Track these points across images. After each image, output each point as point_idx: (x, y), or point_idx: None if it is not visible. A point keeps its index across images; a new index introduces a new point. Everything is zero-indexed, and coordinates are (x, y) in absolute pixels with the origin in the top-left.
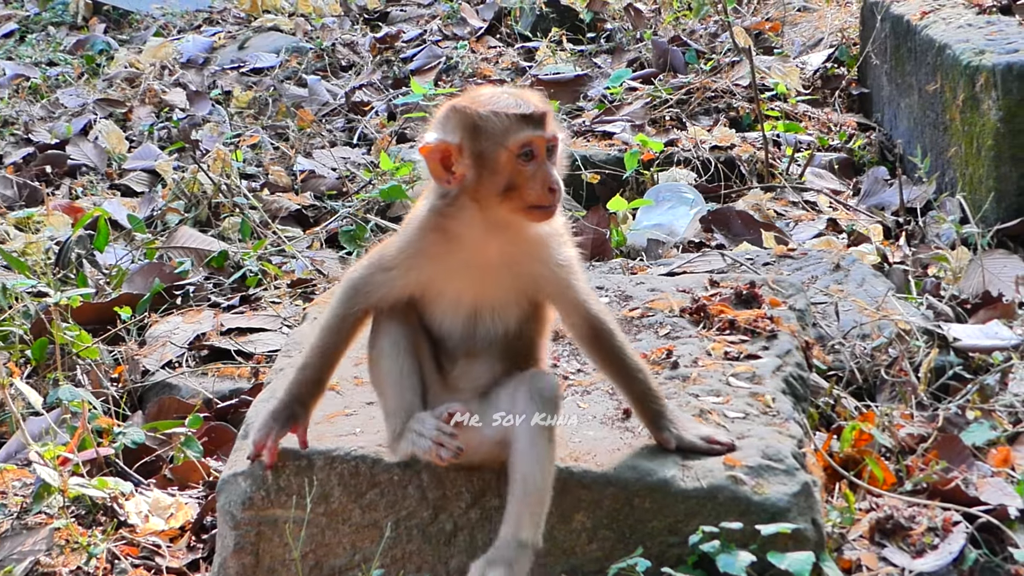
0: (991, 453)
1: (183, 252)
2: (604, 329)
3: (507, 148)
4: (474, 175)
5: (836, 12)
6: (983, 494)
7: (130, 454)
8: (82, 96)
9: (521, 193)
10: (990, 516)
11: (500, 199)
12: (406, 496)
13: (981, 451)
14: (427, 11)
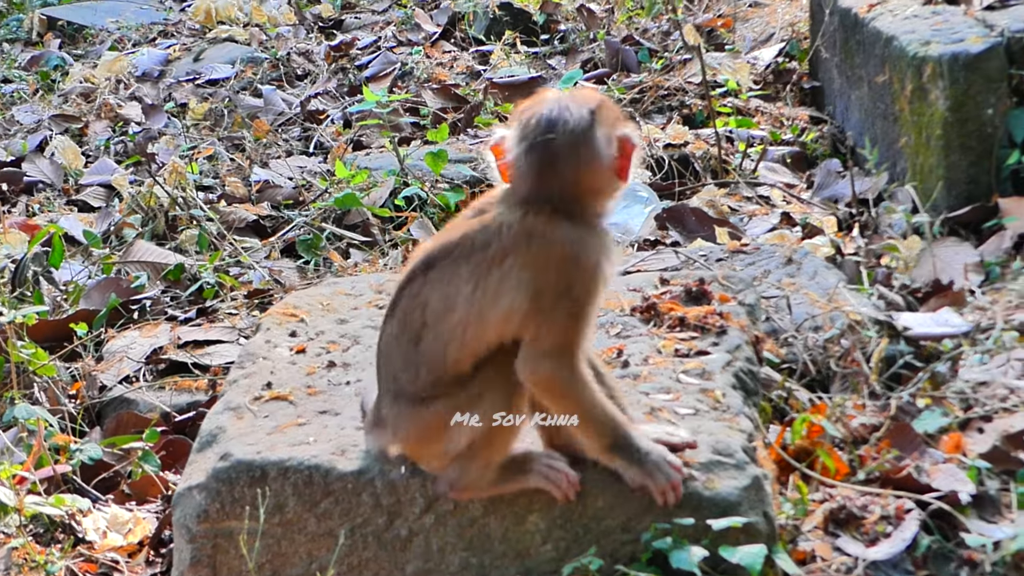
0: (943, 440)
1: (140, 266)
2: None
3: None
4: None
5: (787, 7)
6: (935, 481)
7: (88, 470)
8: (37, 112)
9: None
10: (942, 503)
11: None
12: (360, 504)
13: (933, 438)
14: (382, 18)
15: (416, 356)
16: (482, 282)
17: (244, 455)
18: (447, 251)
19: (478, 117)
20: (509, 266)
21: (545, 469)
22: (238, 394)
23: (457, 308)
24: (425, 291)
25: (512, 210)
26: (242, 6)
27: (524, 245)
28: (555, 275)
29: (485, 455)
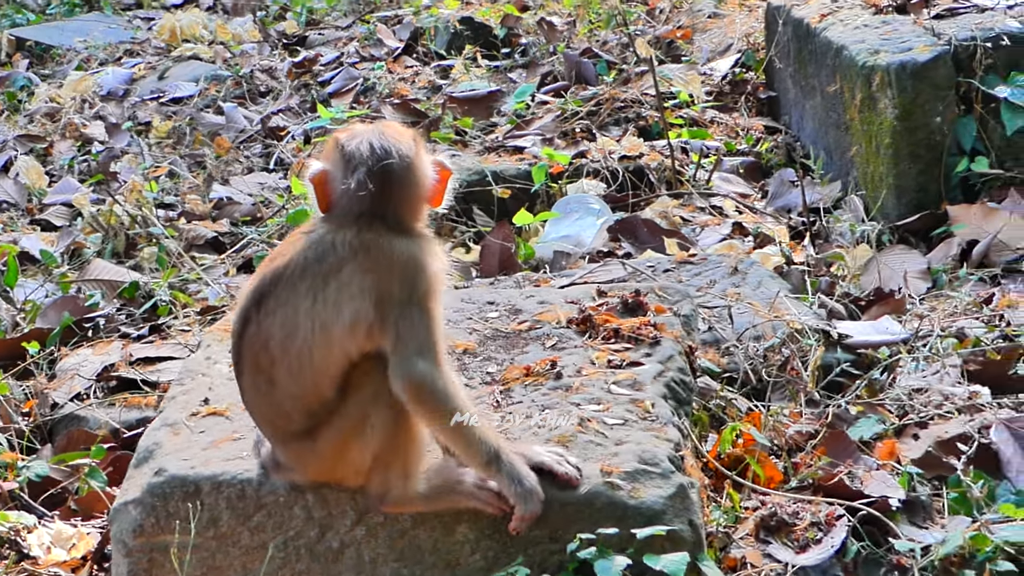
0: (878, 446)
1: (96, 284)
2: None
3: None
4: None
5: (745, 18)
6: (867, 487)
7: (36, 487)
8: (3, 133)
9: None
10: (871, 508)
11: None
12: (292, 516)
13: (868, 445)
14: (345, 33)
15: (278, 397)
16: (320, 294)
17: (178, 470)
18: (277, 277)
19: (435, 132)
20: (348, 274)
21: (476, 490)
22: (176, 410)
23: (299, 328)
24: (264, 326)
25: (342, 229)
26: (207, 24)
27: (362, 254)
28: (398, 281)
29: (399, 464)
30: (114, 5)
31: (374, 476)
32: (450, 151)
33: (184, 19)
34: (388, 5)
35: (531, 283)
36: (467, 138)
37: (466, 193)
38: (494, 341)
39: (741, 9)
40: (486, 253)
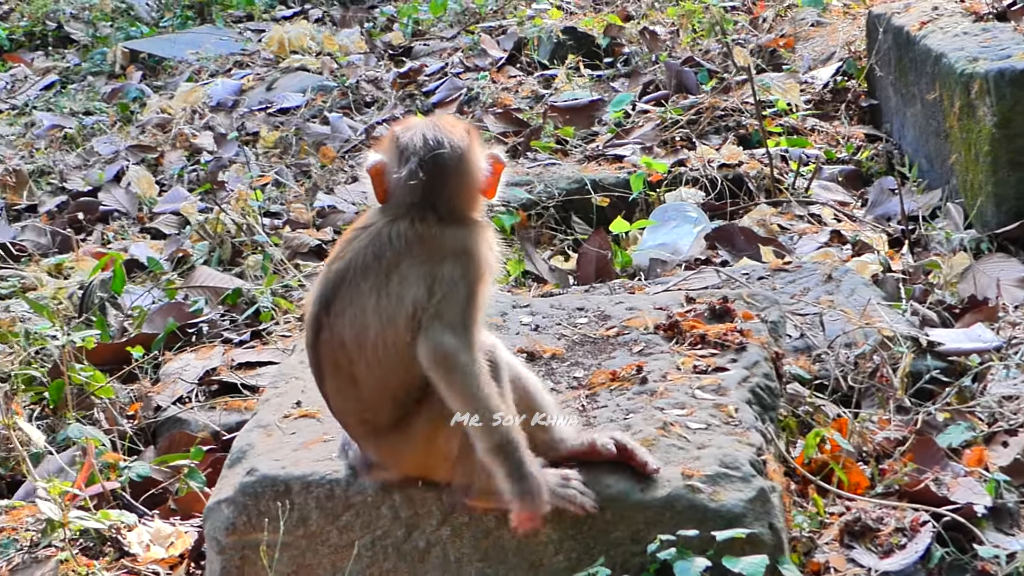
0: (966, 454)
1: (201, 291)
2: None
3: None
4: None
5: (848, 26)
6: (953, 494)
7: (138, 487)
8: (115, 143)
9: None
10: (956, 515)
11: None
12: (380, 516)
13: (957, 452)
14: (450, 44)
15: (363, 393)
16: (383, 290)
17: (270, 470)
18: (340, 279)
19: (535, 141)
20: (407, 267)
21: (559, 489)
22: (269, 412)
23: (370, 326)
24: (336, 329)
25: (398, 221)
26: (314, 36)
27: (417, 245)
28: (449, 265)
29: None
30: (226, 17)
31: (459, 467)
32: (550, 160)
33: (292, 31)
34: (493, 16)
35: (625, 290)
36: (568, 147)
37: (565, 201)
38: (582, 347)
39: (844, 17)
40: (583, 261)
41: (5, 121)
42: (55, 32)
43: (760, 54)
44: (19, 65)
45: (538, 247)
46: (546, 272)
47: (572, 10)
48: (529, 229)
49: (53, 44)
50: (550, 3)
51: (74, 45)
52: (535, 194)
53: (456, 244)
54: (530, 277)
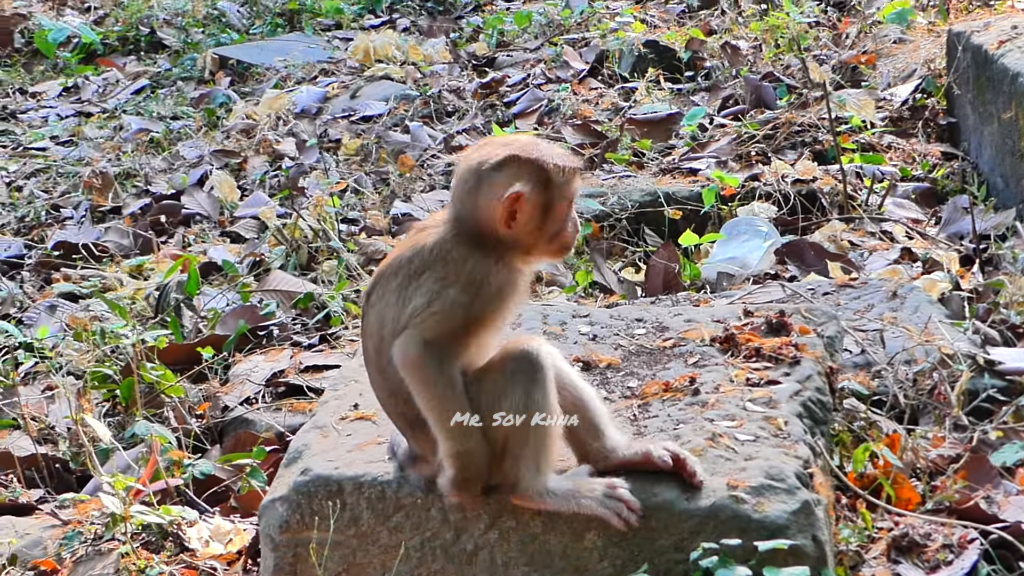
0: (1019, 473)
1: (274, 295)
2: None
3: (567, 198)
4: (536, 222)
5: (930, 43)
6: (1004, 512)
7: (202, 484)
8: (200, 148)
9: (562, 236)
10: (1005, 533)
11: (548, 242)
12: (429, 518)
13: (1011, 471)
14: (533, 55)
15: (392, 385)
16: (404, 292)
17: (323, 470)
18: (382, 273)
19: (611, 153)
20: (426, 278)
21: (605, 499)
22: (327, 414)
23: (386, 323)
24: (369, 319)
25: (440, 230)
26: (399, 45)
27: (440, 263)
28: (456, 291)
29: (530, 454)
30: (315, 26)
31: (505, 464)
32: (625, 172)
33: (378, 40)
34: (576, 28)
35: (690, 303)
36: (644, 160)
37: (638, 214)
38: (638, 357)
39: (928, 35)
40: (651, 273)
41: (95, 124)
42: (148, 37)
43: (841, 70)
44: (112, 69)
45: (609, 259)
46: (614, 283)
47: (655, 23)
48: (601, 240)
49: (145, 49)
50: (633, 16)
51: (166, 50)
52: (608, 206)
53: (475, 274)
54: (598, 288)
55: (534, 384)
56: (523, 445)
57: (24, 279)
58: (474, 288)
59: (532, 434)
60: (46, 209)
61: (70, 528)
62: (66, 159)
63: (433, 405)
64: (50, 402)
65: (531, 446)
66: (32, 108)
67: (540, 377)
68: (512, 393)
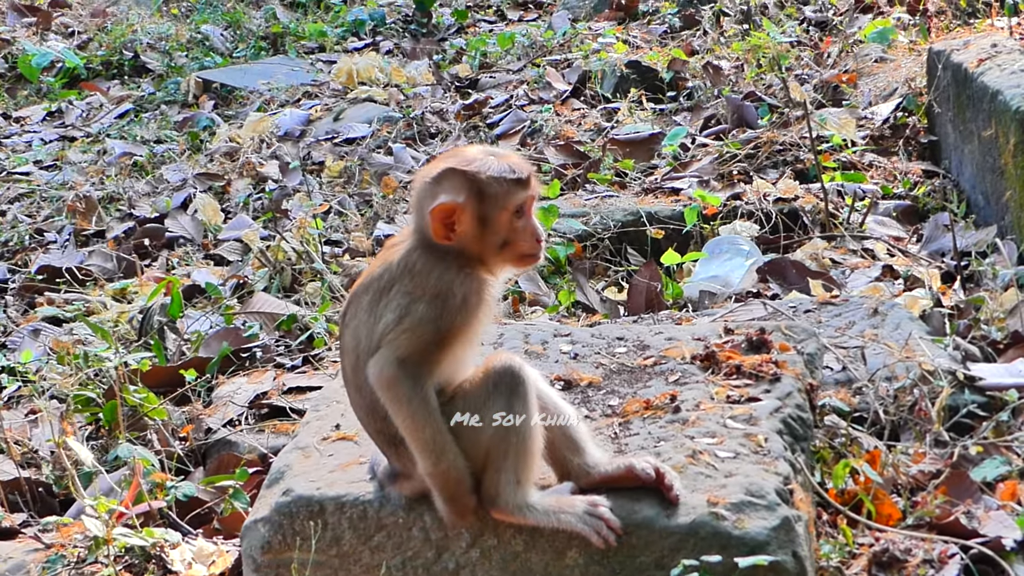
0: (1000, 488)
1: (257, 316)
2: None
3: (506, 209)
4: (475, 233)
5: (911, 62)
6: (984, 527)
7: (184, 506)
8: (184, 171)
9: (514, 246)
10: (985, 547)
11: (497, 252)
12: (411, 538)
13: (991, 486)
14: (516, 77)
15: (368, 402)
16: (375, 308)
17: (305, 491)
18: (355, 292)
19: (594, 173)
20: (394, 292)
21: (586, 517)
22: (308, 434)
23: (360, 339)
24: (345, 337)
25: (406, 244)
26: (383, 67)
27: (407, 276)
28: (425, 306)
29: (511, 469)
30: (298, 48)
31: (486, 478)
32: (607, 192)
33: (361, 62)
34: (559, 49)
35: (672, 321)
36: (626, 179)
37: (620, 233)
38: (619, 375)
39: (909, 54)
40: (633, 292)
41: (79, 148)
42: (131, 61)
43: (823, 89)
44: (95, 94)
45: (592, 278)
46: (596, 303)
47: (637, 44)
48: (583, 260)
49: (129, 73)
50: (616, 37)
51: (149, 74)
52: (591, 225)
53: (440, 286)
54: (580, 307)
55: (515, 397)
56: (504, 459)
57: (8, 303)
58: (440, 301)
59: (513, 448)
60: (30, 233)
61: (53, 551)
62: (50, 183)
63: (409, 424)
64: (33, 426)
65: (512, 460)
66: (16, 133)
67: (522, 391)
68: (494, 407)
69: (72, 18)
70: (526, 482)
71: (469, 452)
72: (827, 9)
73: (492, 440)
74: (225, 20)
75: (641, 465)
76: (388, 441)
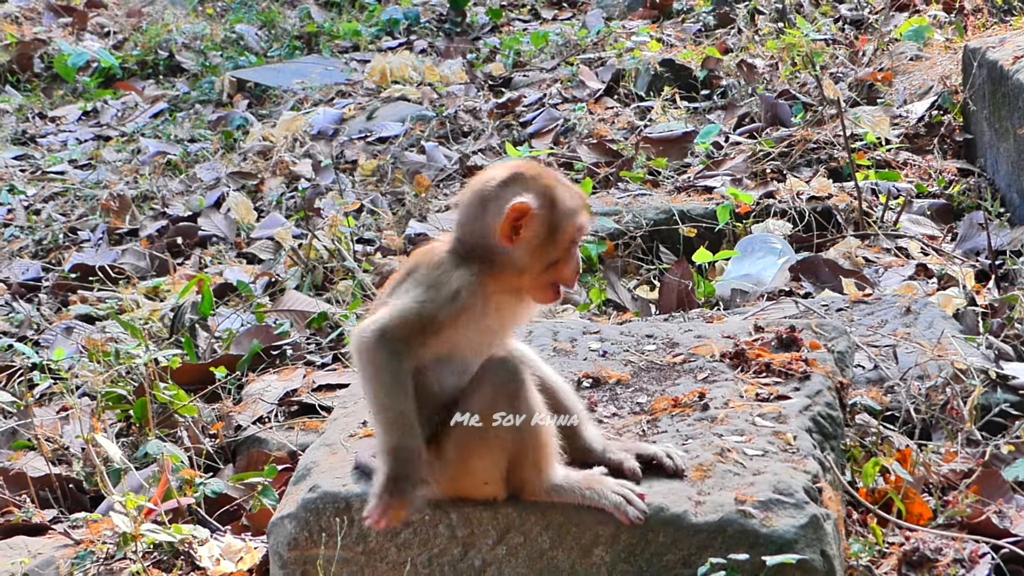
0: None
1: (288, 314)
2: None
3: (574, 226)
4: (537, 243)
5: (947, 60)
6: (1016, 527)
7: (213, 503)
8: (217, 170)
9: (559, 269)
10: (1016, 547)
11: (542, 270)
12: (437, 535)
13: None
14: (549, 75)
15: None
16: (391, 299)
17: (331, 487)
18: (378, 295)
19: (626, 171)
20: (409, 282)
21: (611, 494)
22: (335, 431)
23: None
24: None
25: (437, 247)
26: (416, 66)
27: (423, 268)
28: (420, 290)
29: (529, 459)
30: (332, 48)
31: (511, 475)
32: (640, 191)
33: (395, 61)
34: (593, 48)
35: (703, 320)
36: (659, 178)
37: (652, 232)
38: (648, 373)
39: (945, 52)
40: (664, 290)
41: (113, 148)
42: (166, 61)
43: (858, 87)
44: (130, 93)
45: (623, 277)
46: (628, 301)
47: (671, 43)
48: (615, 258)
49: (164, 73)
50: (650, 36)
51: (184, 74)
52: (623, 224)
53: (441, 277)
54: (611, 305)
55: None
56: (519, 451)
57: (41, 301)
58: (434, 289)
59: (525, 438)
60: (64, 232)
61: (82, 548)
62: (84, 182)
63: (378, 393)
64: (64, 423)
65: (528, 449)
66: (51, 132)
67: (519, 381)
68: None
69: (108, 18)
70: (546, 465)
71: (481, 464)
72: (863, 7)
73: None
74: (260, 19)
75: (629, 464)
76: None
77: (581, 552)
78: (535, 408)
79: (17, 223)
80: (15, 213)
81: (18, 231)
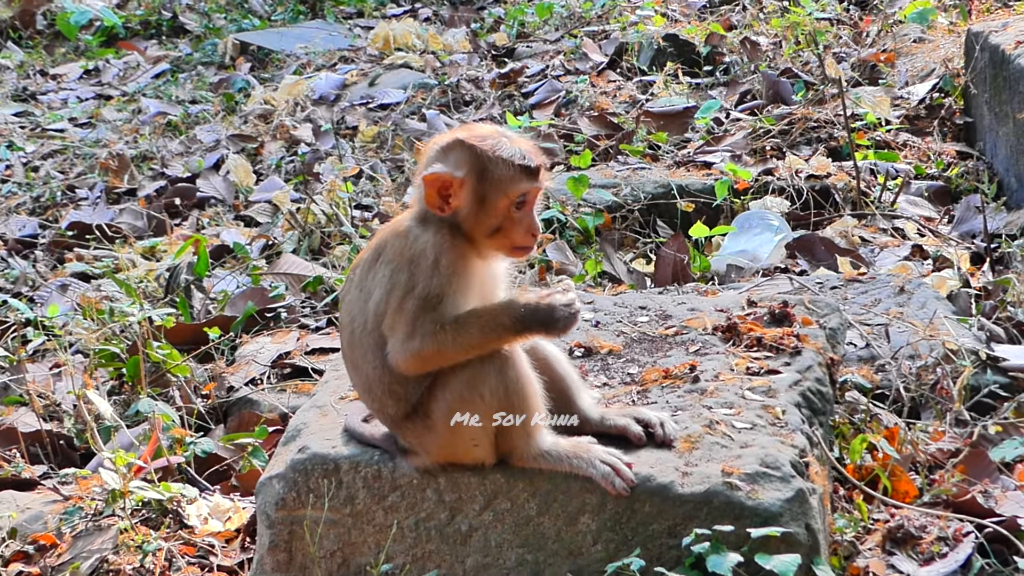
0: (1018, 468)
1: (284, 278)
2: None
3: (507, 196)
4: (470, 211)
5: (950, 43)
6: (1001, 507)
7: (203, 463)
8: (217, 132)
9: (508, 234)
10: (1000, 527)
11: (488, 236)
12: (425, 499)
13: (1009, 467)
14: (553, 47)
15: (365, 381)
16: (364, 285)
17: (320, 449)
18: (352, 270)
19: (626, 145)
20: (380, 264)
21: (598, 463)
22: (326, 394)
23: (354, 316)
24: (342, 313)
25: (404, 215)
26: (420, 34)
27: (393, 240)
28: (405, 275)
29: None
30: (337, 13)
31: (499, 441)
32: (639, 164)
33: (398, 28)
34: (597, 20)
35: (697, 293)
36: (659, 152)
37: (650, 205)
38: (640, 344)
39: (949, 35)
40: (660, 264)
41: (114, 107)
42: (170, 22)
43: (860, 68)
44: (133, 53)
45: (620, 249)
46: (623, 274)
47: (676, 18)
48: (612, 231)
49: (167, 33)
50: (654, 10)
51: (187, 35)
52: (621, 197)
53: (415, 248)
54: (607, 277)
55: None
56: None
57: (37, 258)
58: (414, 266)
59: (515, 407)
60: (62, 190)
61: (71, 504)
62: (84, 141)
63: (470, 350)
64: (57, 379)
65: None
66: (52, 90)
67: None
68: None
69: None
70: (535, 432)
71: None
72: None
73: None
74: None
75: (634, 430)
76: (390, 419)
77: (567, 519)
78: (525, 378)
79: (15, 179)
80: (13, 169)
81: (16, 187)
